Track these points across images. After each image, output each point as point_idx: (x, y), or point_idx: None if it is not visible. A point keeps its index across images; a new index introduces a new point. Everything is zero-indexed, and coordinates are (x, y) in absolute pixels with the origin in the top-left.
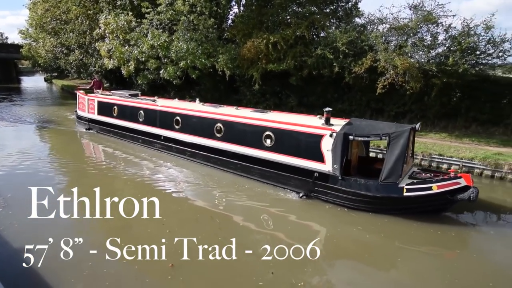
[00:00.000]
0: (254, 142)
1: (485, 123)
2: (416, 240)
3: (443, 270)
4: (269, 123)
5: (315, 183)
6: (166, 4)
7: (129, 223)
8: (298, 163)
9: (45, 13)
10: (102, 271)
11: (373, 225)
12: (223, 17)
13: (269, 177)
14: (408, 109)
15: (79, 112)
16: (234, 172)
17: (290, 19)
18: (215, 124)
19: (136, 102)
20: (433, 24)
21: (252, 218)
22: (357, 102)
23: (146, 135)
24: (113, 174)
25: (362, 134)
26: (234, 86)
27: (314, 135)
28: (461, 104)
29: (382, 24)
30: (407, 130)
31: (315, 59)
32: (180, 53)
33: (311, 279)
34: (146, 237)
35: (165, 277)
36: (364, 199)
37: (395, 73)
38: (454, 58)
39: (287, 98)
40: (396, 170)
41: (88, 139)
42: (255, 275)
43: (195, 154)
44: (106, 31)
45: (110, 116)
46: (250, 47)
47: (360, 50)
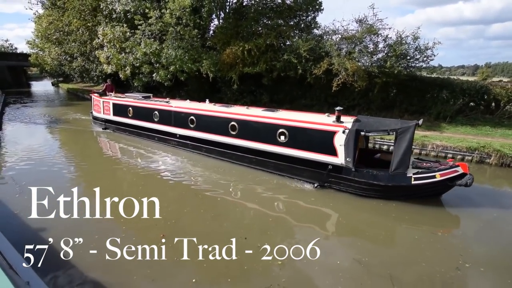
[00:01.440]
0: (268, 139)
1: (414, 113)
2: (418, 220)
3: (437, 242)
4: (283, 121)
5: (329, 175)
6: (156, 17)
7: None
8: (312, 157)
9: (49, 25)
10: (102, 271)
11: (383, 209)
12: (206, 28)
13: (284, 169)
14: (357, 103)
15: (94, 113)
16: (249, 165)
17: (261, 30)
18: (230, 122)
19: (150, 103)
20: (374, 35)
21: (274, 205)
22: (317, 98)
23: (162, 133)
24: (141, 168)
25: (372, 130)
26: (217, 86)
27: (327, 132)
28: (396, 98)
29: (335, 35)
30: (412, 125)
31: (283, 63)
32: (170, 59)
33: (332, 251)
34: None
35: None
36: (375, 188)
37: (346, 74)
38: (390, 62)
39: (261, 96)
40: (405, 162)
41: (107, 137)
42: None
43: (211, 150)
44: (104, 41)
45: (125, 117)
46: (229, 54)
47: (318, 55)
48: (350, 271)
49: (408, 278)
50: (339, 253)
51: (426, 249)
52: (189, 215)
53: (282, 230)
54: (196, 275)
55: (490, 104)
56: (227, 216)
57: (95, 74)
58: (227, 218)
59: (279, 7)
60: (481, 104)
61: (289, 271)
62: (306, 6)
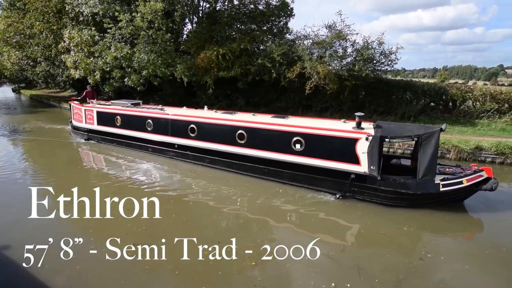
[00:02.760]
0: (282, 147)
1: (382, 113)
2: (444, 227)
3: (463, 247)
4: (299, 128)
5: (352, 184)
6: (127, 21)
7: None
8: (332, 166)
9: (8, 28)
10: (101, 271)
11: (410, 218)
12: (179, 33)
13: (300, 179)
14: (329, 105)
15: (75, 122)
16: (260, 176)
17: (235, 34)
18: (237, 131)
19: (142, 111)
20: (343, 40)
21: (299, 220)
22: (291, 100)
23: (157, 143)
24: (138, 183)
25: (396, 136)
26: (192, 90)
27: (349, 139)
28: (365, 100)
29: (307, 40)
30: (437, 131)
31: (257, 67)
32: (142, 63)
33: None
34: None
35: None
36: (403, 196)
37: (318, 77)
38: (359, 65)
39: (236, 99)
40: (432, 169)
41: (91, 149)
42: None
43: (215, 161)
44: (71, 45)
45: (112, 126)
46: (203, 58)
47: (291, 60)
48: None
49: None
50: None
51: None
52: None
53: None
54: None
55: (448, 104)
56: (251, 234)
57: (62, 80)
58: (251, 235)
59: (252, 12)
60: (440, 104)
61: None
62: (278, 12)
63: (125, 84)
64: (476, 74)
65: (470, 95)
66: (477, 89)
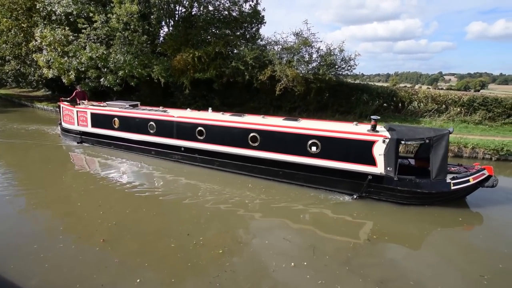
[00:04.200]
0: (297, 150)
1: (343, 113)
2: (445, 221)
3: (462, 237)
4: (315, 131)
5: (369, 185)
6: (102, 21)
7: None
8: (349, 168)
9: None
10: (72, 267)
11: (424, 215)
12: (155, 35)
13: (316, 181)
14: (297, 105)
15: (65, 125)
16: (274, 179)
17: (210, 38)
18: (250, 133)
19: (143, 113)
20: (309, 46)
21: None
22: (263, 101)
23: (161, 146)
24: (151, 190)
25: (410, 138)
26: (169, 91)
27: (366, 141)
28: (329, 101)
29: (277, 45)
30: (446, 133)
31: (231, 69)
32: (118, 64)
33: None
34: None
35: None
36: (418, 195)
37: (287, 80)
38: (323, 70)
39: (212, 100)
40: (444, 169)
41: (88, 154)
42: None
43: (226, 164)
44: (43, 44)
45: (109, 128)
46: (180, 60)
47: (263, 63)
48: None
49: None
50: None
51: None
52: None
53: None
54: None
55: (398, 104)
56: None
57: (34, 79)
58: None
59: (226, 18)
60: (391, 104)
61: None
62: (250, 19)
63: (101, 84)
64: (421, 79)
65: (415, 97)
66: (421, 92)
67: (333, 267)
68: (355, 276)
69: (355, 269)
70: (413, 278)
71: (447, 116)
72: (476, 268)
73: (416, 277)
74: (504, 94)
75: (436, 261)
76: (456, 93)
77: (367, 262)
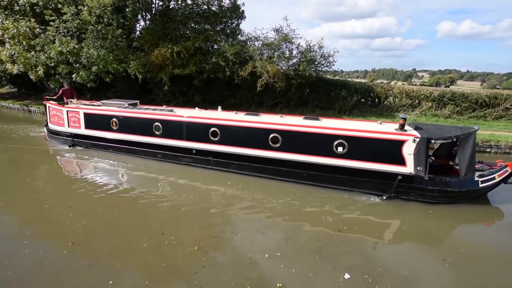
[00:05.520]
0: (323, 150)
1: (323, 108)
2: (470, 217)
3: (484, 232)
4: (342, 131)
5: (399, 185)
6: (72, 14)
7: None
8: (378, 168)
9: None
10: (41, 272)
11: (451, 212)
12: (131, 29)
13: (342, 183)
14: (278, 101)
15: (53, 126)
16: (297, 181)
17: (189, 33)
18: (270, 134)
19: (148, 113)
20: (289, 42)
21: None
22: (245, 97)
23: (169, 149)
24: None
25: (439, 137)
26: (147, 87)
27: (396, 141)
28: (309, 97)
29: (257, 41)
30: (473, 132)
31: (212, 65)
32: (91, 59)
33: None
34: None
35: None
36: (448, 194)
37: (268, 76)
38: (303, 66)
39: (193, 96)
40: (472, 167)
41: (83, 159)
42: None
43: (243, 166)
44: (5, 36)
45: (106, 130)
46: (158, 55)
47: (243, 59)
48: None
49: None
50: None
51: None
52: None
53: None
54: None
55: (374, 100)
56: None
57: None
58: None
59: (205, 13)
60: (369, 100)
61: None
62: (230, 14)
63: (74, 81)
64: (397, 75)
65: (391, 92)
66: (396, 88)
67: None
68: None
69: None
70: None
71: (420, 111)
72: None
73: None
74: (470, 90)
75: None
76: (428, 89)
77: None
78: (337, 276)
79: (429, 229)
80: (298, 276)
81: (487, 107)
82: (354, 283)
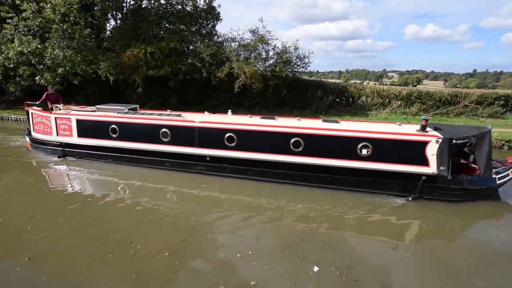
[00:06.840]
0: (347, 153)
1: (300, 108)
2: (485, 212)
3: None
4: (366, 133)
5: (423, 185)
6: (33, 11)
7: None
8: (403, 169)
9: None
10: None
11: (470, 209)
12: (101, 28)
13: (366, 185)
14: (256, 102)
15: (37, 134)
16: (320, 185)
17: (163, 34)
18: (292, 138)
19: (154, 119)
20: (265, 44)
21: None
22: (222, 98)
23: (179, 157)
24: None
25: (459, 137)
26: (120, 90)
27: (419, 142)
28: (286, 97)
29: (234, 42)
30: (488, 131)
31: (188, 66)
32: (57, 60)
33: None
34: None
35: None
36: (469, 192)
37: (245, 77)
38: (279, 67)
39: (169, 98)
40: (490, 165)
41: (75, 170)
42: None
43: (263, 172)
44: None
45: (104, 138)
46: (130, 56)
47: (220, 60)
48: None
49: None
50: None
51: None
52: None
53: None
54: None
55: (348, 99)
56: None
57: None
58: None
59: (179, 13)
60: (343, 99)
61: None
62: (206, 15)
63: (37, 83)
64: (369, 76)
65: (363, 92)
66: (368, 88)
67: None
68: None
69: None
70: None
71: (390, 109)
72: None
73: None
74: (434, 89)
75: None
76: (397, 88)
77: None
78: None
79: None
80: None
81: (449, 105)
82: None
